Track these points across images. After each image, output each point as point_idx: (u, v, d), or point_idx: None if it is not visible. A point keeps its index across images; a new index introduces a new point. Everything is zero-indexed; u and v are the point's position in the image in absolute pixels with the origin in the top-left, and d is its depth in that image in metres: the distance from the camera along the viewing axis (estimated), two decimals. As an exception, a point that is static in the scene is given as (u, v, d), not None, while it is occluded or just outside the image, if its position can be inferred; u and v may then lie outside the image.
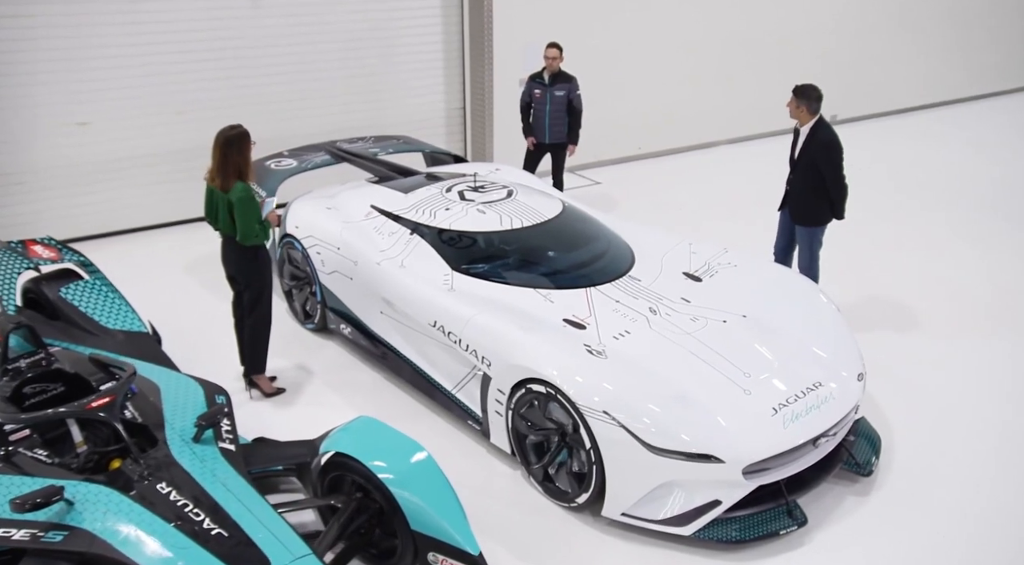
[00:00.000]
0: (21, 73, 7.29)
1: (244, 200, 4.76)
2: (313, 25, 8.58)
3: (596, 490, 4.12)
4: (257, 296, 5.10)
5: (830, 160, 5.76)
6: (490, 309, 4.79)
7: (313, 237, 5.94)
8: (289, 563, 3.19)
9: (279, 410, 5.27)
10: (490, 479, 4.63)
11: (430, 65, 9.41)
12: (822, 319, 4.91)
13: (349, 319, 5.76)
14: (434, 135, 9.60)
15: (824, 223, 5.97)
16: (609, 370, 4.21)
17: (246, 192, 4.77)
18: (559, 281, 5.10)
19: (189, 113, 8.17)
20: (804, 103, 5.78)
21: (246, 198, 4.76)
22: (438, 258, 5.32)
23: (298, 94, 8.70)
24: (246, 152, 4.78)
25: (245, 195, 4.76)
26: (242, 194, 4.75)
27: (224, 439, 3.93)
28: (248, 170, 4.81)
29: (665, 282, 5.14)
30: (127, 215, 8.18)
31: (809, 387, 4.32)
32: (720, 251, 5.52)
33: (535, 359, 4.30)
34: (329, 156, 7.27)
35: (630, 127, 10.81)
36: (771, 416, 4.11)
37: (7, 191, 7.49)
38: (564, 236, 5.55)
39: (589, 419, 4.02)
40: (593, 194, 9.60)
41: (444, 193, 5.86)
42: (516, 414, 4.44)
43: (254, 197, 4.84)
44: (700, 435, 3.94)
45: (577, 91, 7.86)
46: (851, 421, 4.52)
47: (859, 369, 4.60)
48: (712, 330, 4.65)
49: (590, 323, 4.65)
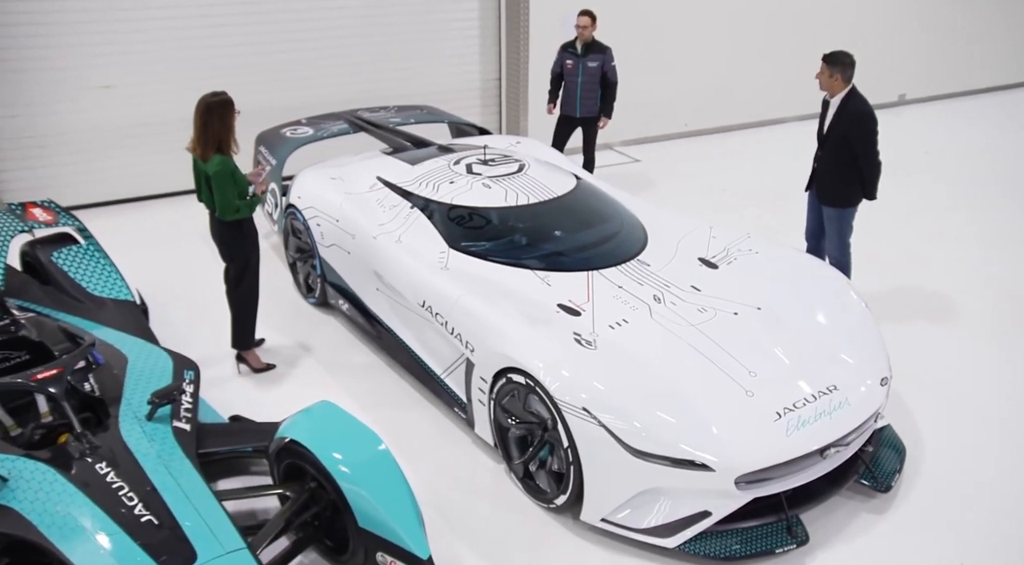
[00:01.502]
0: (44, 34, 7.22)
1: (220, 174, 4.52)
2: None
3: (574, 492, 3.78)
4: (241, 271, 4.88)
5: (863, 133, 5.21)
6: (480, 290, 4.47)
7: (314, 208, 5.71)
8: (216, 557, 2.97)
9: (266, 387, 5.07)
10: (472, 472, 4.33)
11: (465, 33, 9.06)
12: (847, 315, 4.44)
13: (347, 295, 5.52)
14: (468, 107, 9.28)
15: (854, 204, 5.45)
16: (596, 362, 3.86)
17: (223, 166, 4.53)
18: (560, 263, 4.75)
19: (215, 78, 7.95)
20: (837, 70, 5.24)
21: (223, 172, 4.53)
22: (436, 234, 5.01)
23: (325, 61, 8.47)
24: (228, 121, 4.54)
25: (222, 169, 4.52)
26: (218, 168, 4.52)
27: (181, 418, 3.73)
28: (229, 140, 4.57)
29: (676, 268, 4.74)
30: (148, 181, 8.09)
31: (822, 391, 3.89)
32: (742, 236, 5.07)
33: (517, 346, 3.97)
34: (347, 125, 7.03)
35: (677, 103, 10.28)
36: (774, 421, 3.70)
37: (27, 153, 7.47)
38: (572, 215, 5.17)
39: (567, 415, 3.68)
40: (629, 173, 9.14)
41: (452, 166, 5.54)
42: (498, 405, 4.13)
43: (232, 171, 4.59)
44: (688, 439, 3.56)
45: (612, 62, 7.42)
46: (869, 430, 4.06)
47: (883, 373, 4.13)
48: (720, 322, 4.24)
49: (586, 310, 4.29)
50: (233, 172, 4.58)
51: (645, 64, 9.79)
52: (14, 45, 7.14)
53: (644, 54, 9.74)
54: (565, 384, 3.71)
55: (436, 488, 4.18)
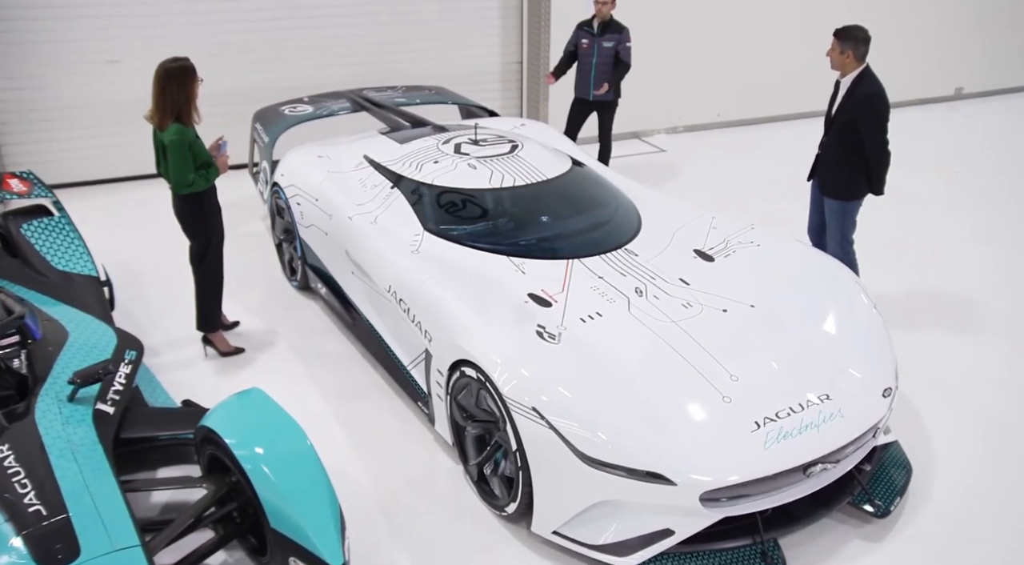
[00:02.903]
0: (51, 5, 7.11)
1: (176, 144, 4.27)
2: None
3: (524, 500, 3.42)
4: (203, 248, 4.64)
5: (872, 118, 4.71)
6: (447, 277, 4.14)
7: (295, 186, 5.44)
8: (102, 554, 2.70)
9: (230, 372, 4.82)
10: (428, 472, 4.00)
11: (485, 13, 8.70)
12: (853, 317, 3.97)
13: (325, 278, 5.25)
14: (488, 91, 8.93)
15: (858, 198, 4.95)
16: (555, 358, 3.49)
17: (179, 135, 4.28)
18: (540, 250, 4.38)
19: (222, 56, 7.83)
20: (850, 47, 4.74)
21: (179, 141, 4.27)
22: (412, 216, 4.69)
23: (338, 40, 8.21)
24: (188, 89, 4.28)
25: (178, 138, 4.27)
26: (175, 137, 4.27)
27: (107, 400, 3.49)
28: (190, 110, 4.32)
29: (667, 259, 4.33)
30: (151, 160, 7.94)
31: (811, 400, 3.45)
32: (745, 227, 4.63)
33: (472, 338, 3.62)
34: (349, 104, 6.76)
35: (709, 92, 9.76)
36: (751, 432, 3.28)
37: (31, 127, 7.39)
38: (560, 199, 4.80)
39: (515, 415, 3.32)
40: (651, 162, 8.68)
41: (440, 145, 5.21)
42: (454, 400, 3.79)
43: (191, 142, 4.34)
44: (648, 447, 3.17)
45: (627, 43, 6.96)
46: (867, 446, 3.61)
47: (887, 383, 3.67)
48: (705, 319, 3.83)
49: (558, 301, 3.91)
50: (191, 143, 4.33)
51: (677, 50, 9.32)
52: (20, 15, 7.05)
53: (677, 40, 9.27)
54: (515, 380, 3.35)
55: (387, 488, 3.87)
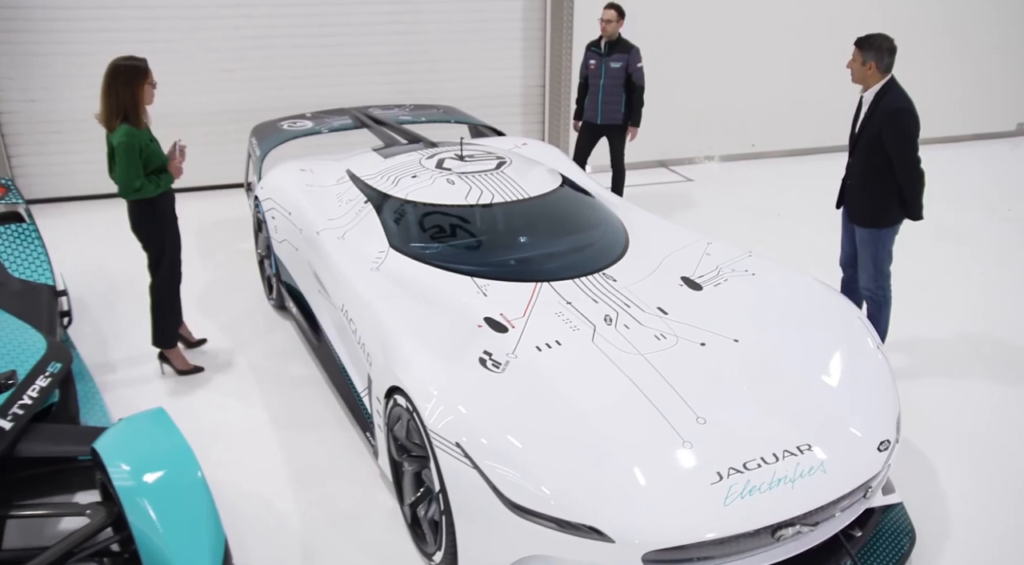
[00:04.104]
0: (64, 18, 7.13)
1: (125, 146, 4.05)
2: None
3: (450, 549, 3.01)
4: (155, 259, 4.39)
5: (898, 133, 4.20)
6: (400, 296, 3.79)
7: (272, 199, 5.19)
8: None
9: (181, 393, 4.53)
10: (364, 511, 3.61)
11: (507, 35, 8.46)
12: (852, 358, 3.47)
13: (295, 296, 4.96)
14: (508, 115, 8.66)
15: (891, 225, 4.41)
16: (495, 389, 3.08)
17: (128, 137, 4.05)
18: (508, 271, 4.01)
19: (236, 72, 7.75)
20: (872, 57, 4.26)
21: (128, 144, 4.05)
22: (381, 232, 4.38)
23: (356, 59, 8.10)
24: (136, 88, 4.07)
25: (127, 140, 4.05)
26: (123, 138, 4.05)
27: (7, 414, 3.21)
28: (139, 111, 4.10)
29: (649, 286, 3.90)
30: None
31: (788, 450, 2.96)
32: (741, 255, 4.17)
33: (407, 363, 3.25)
34: (350, 121, 6.53)
35: (746, 122, 9.31)
36: (711, 484, 2.81)
37: (43, 139, 7.38)
38: (539, 219, 4.42)
39: (439, 451, 2.92)
40: (673, 192, 8.23)
41: (423, 160, 4.90)
42: (390, 432, 3.41)
43: (141, 145, 4.12)
44: (585, 497, 2.73)
45: (638, 63, 6.59)
46: (856, 508, 3.08)
47: (884, 435, 3.15)
48: (678, 353, 3.39)
49: (516, 326, 3.52)
50: (143, 147, 4.10)
51: (712, 78, 8.91)
52: (33, 28, 7.08)
53: (712, 66, 8.87)
54: (442, 412, 2.96)
55: (315, 526, 3.49)
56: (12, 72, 7.15)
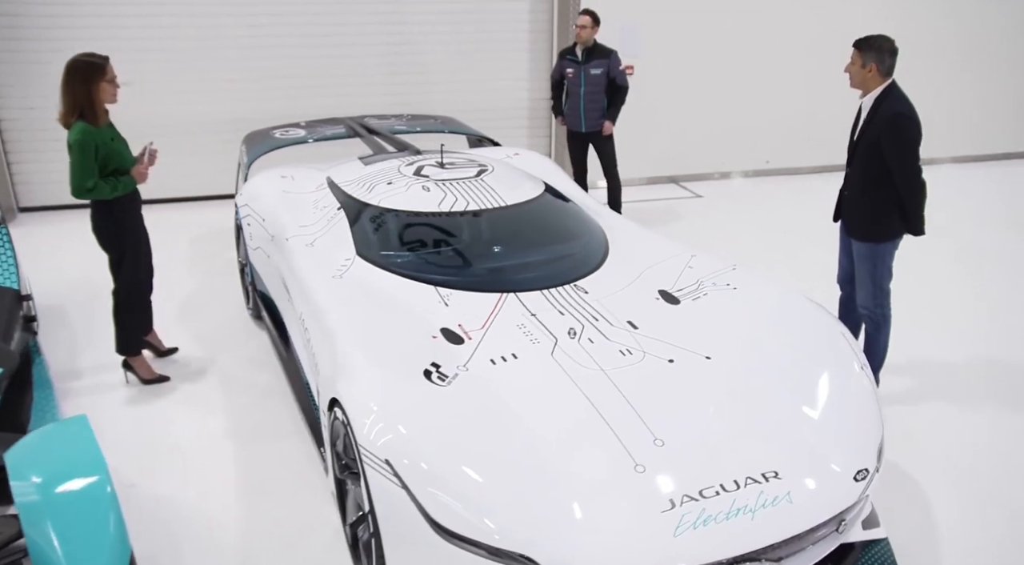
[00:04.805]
0: (64, 26, 7.14)
1: (79, 144, 3.95)
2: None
3: (380, 574, 2.80)
4: (115, 263, 4.27)
5: (898, 139, 3.92)
6: (356, 305, 3.62)
7: (248, 206, 5.08)
8: None
9: (141, 402, 4.38)
10: (310, 530, 3.41)
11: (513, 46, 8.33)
12: (833, 380, 3.21)
13: (268, 305, 4.82)
14: (515, 128, 8.52)
15: (890, 239, 4.13)
16: (437, 404, 2.88)
17: (82, 135, 3.95)
18: (474, 281, 3.82)
19: (237, 82, 7.71)
20: (873, 58, 3.99)
21: (82, 141, 3.95)
22: (349, 239, 4.22)
23: (360, 70, 8.06)
24: (92, 86, 3.96)
25: (81, 138, 3.95)
26: (78, 136, 3.95)
27: (-64, 419, 3.09)
28: (96, 109, 4.00)
29: (622, 299, 3.68)
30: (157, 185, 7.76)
31: (752, 477, 2.72)
32: (725, 268, 3.94)
33: (345, 373, 3.06)
34: (344, 129, 6.42)
35: (759, 138, 9.06)
36: (661, 512, 2.57)
37: (43, 146, 7.37)
38: (515, 228, 4.23)
39: (367, 468, 2.72)
40: (678, 207, 7.99)
41: (402, 168, 4.75)
42: (333, 447, 3.22)
43: (97, 145, 4.01)
44: (520, 522, 2.51)
45: (620, 67, 6.48)
46: (828, 542, 2.81)
47: (863, 463, 2.89)
48: (643, 370, 3.16)
49: (474, 337, 3.33)
50: (100, 146, 4.00)
51: (725, 92, 8.69)
52: (33, 36, 7.10)
53: (725, 80, 8.65)
54: (373, 426, 2.76)
55: (255, 545, 3.30)
56: (12, 80, 7.17)
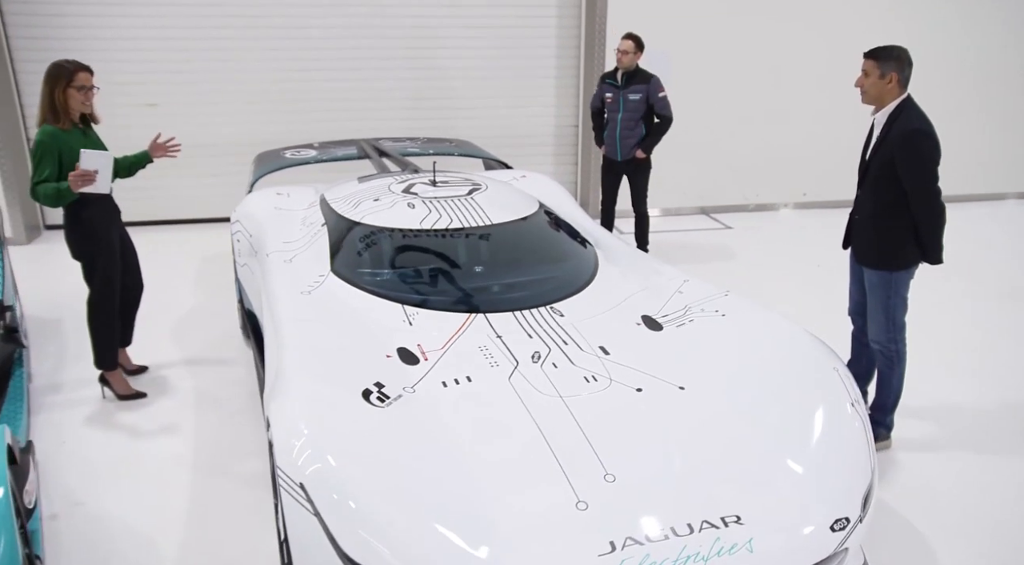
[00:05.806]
0: (95, 49, 7.26)
1: (40, 145, 3.95)
2: (405, 19, 7.81)
3: (298, 609, 2.57)
4: (87, 271, 4.21)
5: (913, 157, 3.56)
6: (318, 322, 3.45)
7: (240, 223, 4.98)
8: None
9: (110, 418, 4.26)
10: (248, 559, 3.20)
11: (541, 72, 8.19)
12: (817, 415, 2.88)
13: (253, 322, 4.70)
14: (539, 156, 8.36)
15: (905, 267, 3.76)
16: (370, 427, 2.66)
17: (45, 137, 3.94)
18: (444, 300, 3.61)
19: (260, 104, 7.74)
20: (893, 68, 3.63)
21: (42, 142, 3.94)
22: (326, 256, 4.07)
23: (384, 94, 8.04)
24: (56, 89, 3.97)
25: (43, 139, 3.95)
26: (41, 137, 3.95)
27: None
28: (60, 113, 3.97)
29: (599, 323, 3.43)
30: (179, 205, 7.89)
31: (709, 521, 2.42)
32: (716, 294, 3.65)
33: (282, 392, 2.87)
34: (355, 151, 6.34)
35: (798, 169, 8.69)
36: (598, 555, 2.29)
37: (68, 165, 7.48)
38: (494, 248, 4.02)
39: (282, 492, 2.51)
40: (703, 239, 7.66)
41: (393, 185, 4.60)
42: (272, 470, 3.02)
43: (60, 149, 3.96)
44: (439, 560, 2.26)
45: (660, 93, 6.15)
46: (797, 600, 2.48)
47: (843, 512, 2.55)
48: (605, 398, 2.90)
49: (431, 358, 3.12)
50: (62, 150, 3.95)
51: (762, 121, 8.38)
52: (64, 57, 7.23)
53: (752, 109, 8.34)
54: (293, 449, 2.55)
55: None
56: (38, 101, 7.31)
